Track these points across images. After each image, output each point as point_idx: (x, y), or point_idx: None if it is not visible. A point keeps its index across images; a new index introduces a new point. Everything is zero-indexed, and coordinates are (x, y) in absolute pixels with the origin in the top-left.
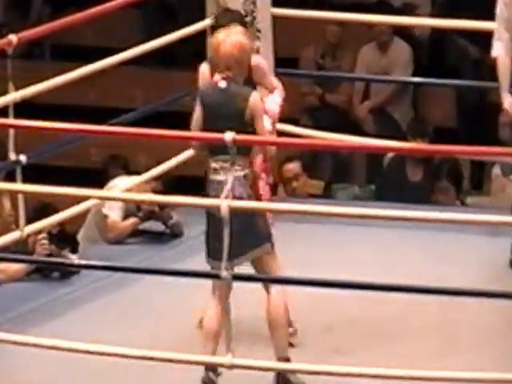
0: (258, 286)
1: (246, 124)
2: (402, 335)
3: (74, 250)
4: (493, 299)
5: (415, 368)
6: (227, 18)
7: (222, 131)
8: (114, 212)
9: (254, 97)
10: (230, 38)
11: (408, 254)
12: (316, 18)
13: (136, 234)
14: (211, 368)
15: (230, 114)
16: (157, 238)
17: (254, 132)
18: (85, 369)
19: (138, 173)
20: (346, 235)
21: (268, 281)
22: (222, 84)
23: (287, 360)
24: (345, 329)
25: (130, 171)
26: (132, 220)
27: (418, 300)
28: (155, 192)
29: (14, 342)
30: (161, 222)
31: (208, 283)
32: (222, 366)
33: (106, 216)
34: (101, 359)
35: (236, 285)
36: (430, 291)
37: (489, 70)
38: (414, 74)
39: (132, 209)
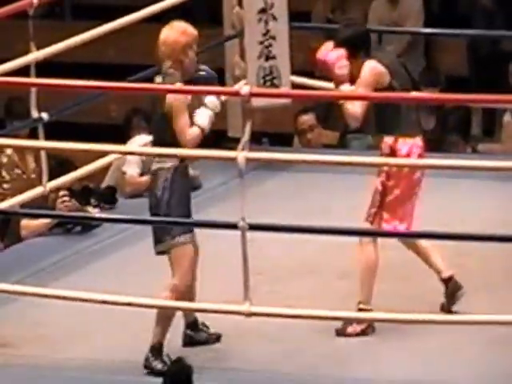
0: (277, 236)
1: (166, 121)
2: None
3: (98, 205)
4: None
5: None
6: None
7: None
8: (131, 168)
9: (170, 95)
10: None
11: (421, 200)
12: None
13: None
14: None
15: (158, 111)
16: None
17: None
18: (107, 319)
19: None
20: (359, 183)
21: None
22: (158, 79)
23: None
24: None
25: None
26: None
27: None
28: None
29: (38, 295)
30: None
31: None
32: (240, 313)
33: (124, 172)
34: (123, 310)
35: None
36: (438, 236)
37: (500, 18)
38: (426, 24)
39: (149, 165)
